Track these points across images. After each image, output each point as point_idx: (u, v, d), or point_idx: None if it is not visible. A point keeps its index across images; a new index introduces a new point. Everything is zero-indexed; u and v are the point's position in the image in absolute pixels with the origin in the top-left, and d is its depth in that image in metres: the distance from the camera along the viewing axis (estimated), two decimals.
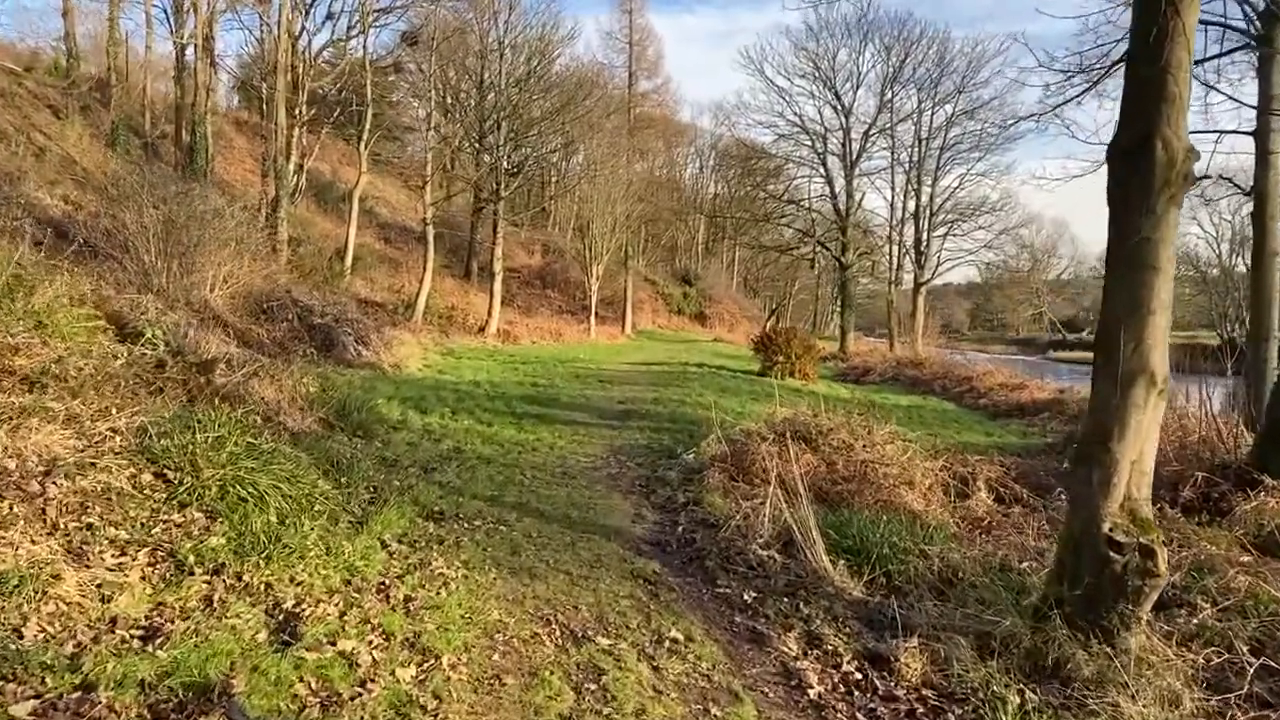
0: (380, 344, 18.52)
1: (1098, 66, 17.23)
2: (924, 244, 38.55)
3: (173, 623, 3.73)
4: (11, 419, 4.99)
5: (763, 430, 9.12)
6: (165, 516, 4.76)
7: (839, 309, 42.80)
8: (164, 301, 13.63)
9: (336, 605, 4.25)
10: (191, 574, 4.13)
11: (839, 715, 4.05)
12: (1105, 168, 4.96)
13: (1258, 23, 13.10)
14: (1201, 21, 12.83)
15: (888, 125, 39.45)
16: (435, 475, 7.94)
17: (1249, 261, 16.10)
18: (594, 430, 11.47)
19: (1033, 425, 15.37)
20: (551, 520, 6.77)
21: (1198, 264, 76.02)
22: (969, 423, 15.94)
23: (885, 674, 4.50)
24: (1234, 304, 69.68)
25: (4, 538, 3.87)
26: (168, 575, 4.06)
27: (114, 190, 16.56)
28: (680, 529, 6.83)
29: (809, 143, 40.76)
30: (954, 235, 38.94)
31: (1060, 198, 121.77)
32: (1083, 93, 18.01)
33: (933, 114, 38.29)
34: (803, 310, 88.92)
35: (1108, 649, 4.45)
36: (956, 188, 38.24)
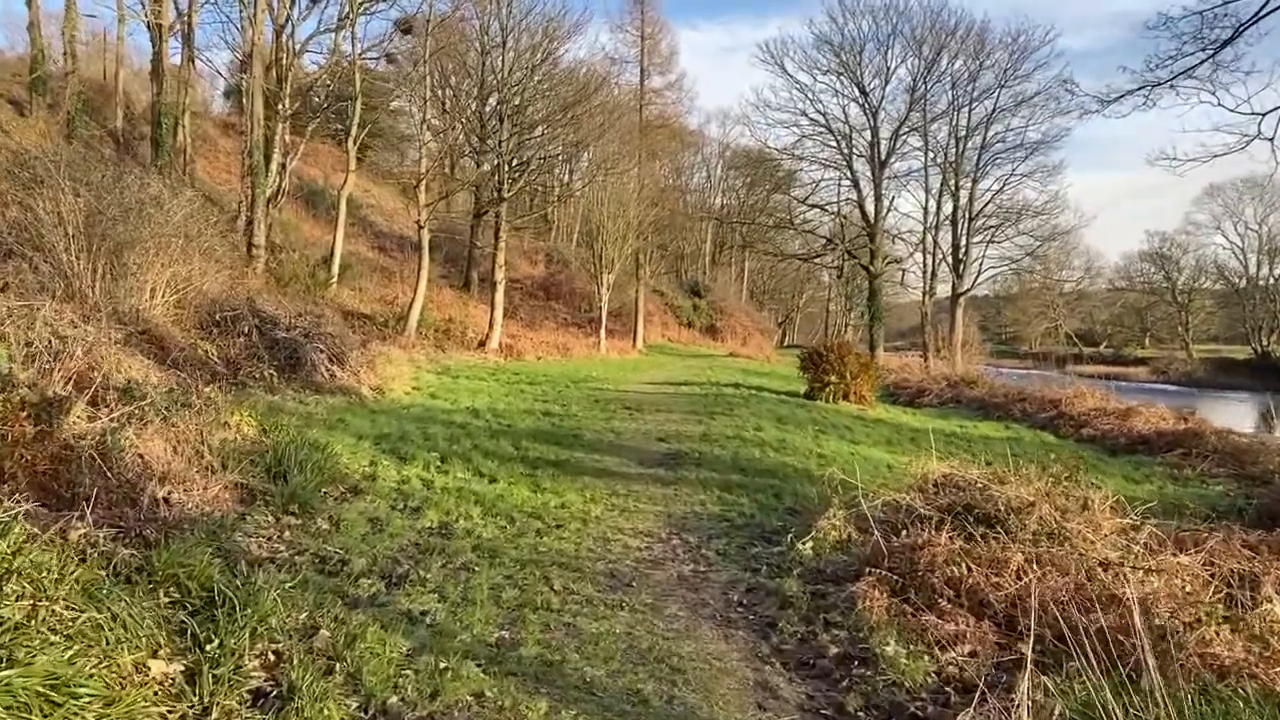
0: (361, 363, 15.32)
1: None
2: (963, 250, 35.41)
3: None
4: None
5: (914, 501, 5.92)
6: None
7: (867, 320, 39.63)
8: (81, 311, 10.57)
9: None
10: None
11: None
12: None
13: None
14: None
15: (920, 123, 36.43)
16: (402, 594, 4.73)
17: None
18: (637, 487, 8.25)
19: (1178, 468, 12.15)
20: (613, 712, 3.59)
21: (1224, 274, 73.23)
22: (1089, 462, 12.72)
23: None
24: (1269, 315, 66.64)
25: None
26: None
27: (25, 173, 13.40)
28: None
29: (834, 143, 37.79)
30: (995, 242, 35.80)
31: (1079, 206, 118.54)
32: (1202, 62, 15.06)
33: (970, 110, 35.25)
34: (810, 323, 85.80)
35: None
36: (998, 190, 35.12)
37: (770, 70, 39.87)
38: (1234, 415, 28.45)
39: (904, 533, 5.65)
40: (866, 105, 36.80)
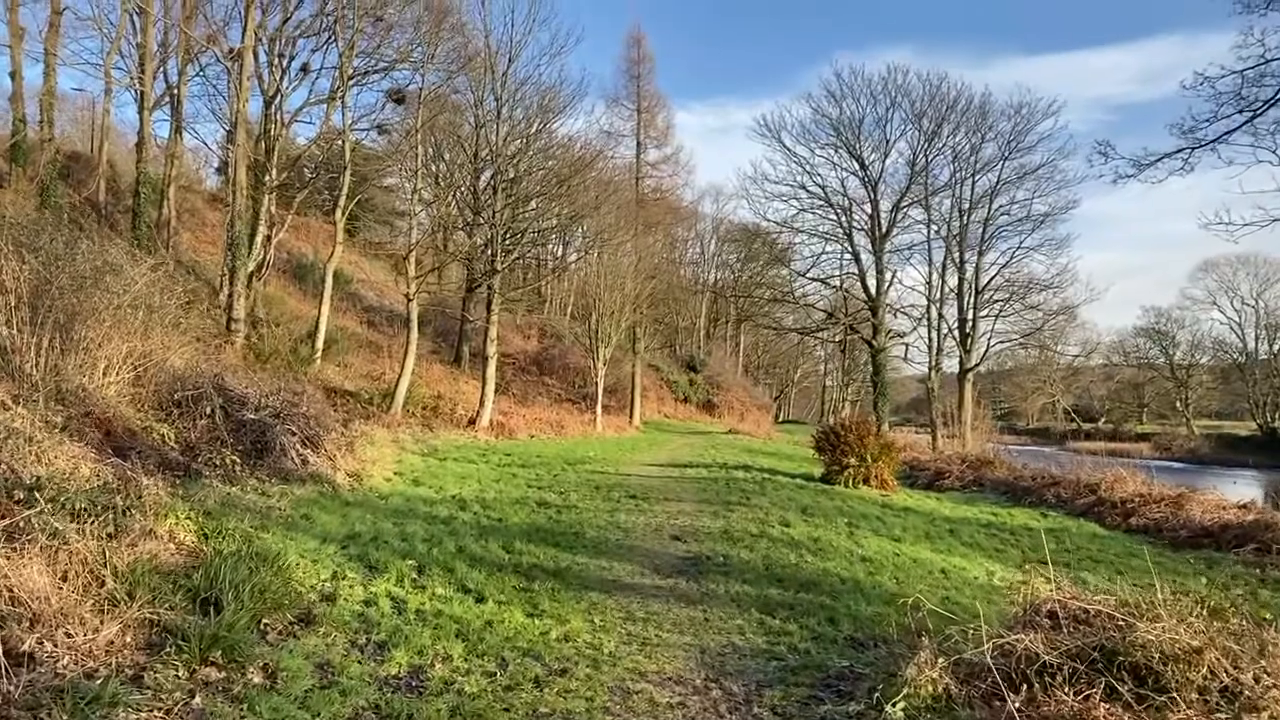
0: (339, 445, 13.87)
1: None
2: (969, 325, 34.45)
3: None
4: None
5: (1033, 644, 4.52)
6: None
7: (870, 396, 38.43)
8: (17, 391, 9.28)
9: None
10: None
11: None
12: None
13: None
14: None
15: (921, 196, 35.93)
16: None
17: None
18: (656, 606, 6.77)
19: (1259, 566, 10.70)
20: None
21: (1222, 349, 72.77)
22: (1158, 562, 11.29)
23: None
24: (1272, 390, 65.69)
25: None
26: None
27: None
28: None
29: (833, 216, 37.22)
30: (1003, 316, 34.88)
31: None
32: (1242, 124, 14.33)
33: (973, 183, 34.78)
34: (805, 397, 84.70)
35: None
36: (1005, 264, 34.39)
37: (767, 143, 39.56)
38: (1246, 494, 27.17)
39: (1024, 689, 4.25)
40: (866, 178, 36.41)
